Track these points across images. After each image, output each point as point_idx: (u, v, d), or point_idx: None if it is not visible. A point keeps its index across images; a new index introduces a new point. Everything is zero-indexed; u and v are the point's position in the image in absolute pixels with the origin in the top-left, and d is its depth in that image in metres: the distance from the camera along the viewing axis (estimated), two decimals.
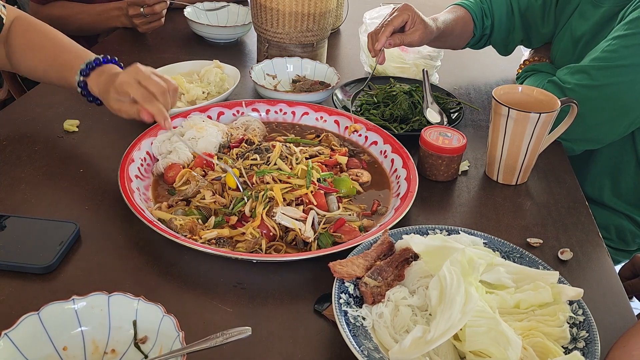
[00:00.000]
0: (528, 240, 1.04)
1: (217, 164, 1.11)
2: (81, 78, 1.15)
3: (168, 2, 1.67)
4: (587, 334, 0.78)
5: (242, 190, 1.04)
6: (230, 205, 1.03)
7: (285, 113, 1.34)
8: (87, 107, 1.37)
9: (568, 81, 1.27)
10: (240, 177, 1.07)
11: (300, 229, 0.97)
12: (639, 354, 0.76)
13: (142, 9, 1.65)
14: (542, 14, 1.54)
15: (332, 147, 1.23)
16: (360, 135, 1.27)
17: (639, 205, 1.46)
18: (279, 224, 0.98)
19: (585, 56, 1.33)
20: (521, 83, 1.49)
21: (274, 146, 1.13)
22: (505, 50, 1.65)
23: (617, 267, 1.31)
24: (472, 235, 0.92)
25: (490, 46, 1.66)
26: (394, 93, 1.41)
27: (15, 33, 1.21)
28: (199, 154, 1.12)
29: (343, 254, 0.89)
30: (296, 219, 0.99)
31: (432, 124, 1.28)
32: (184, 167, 1.13)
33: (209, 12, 1.83)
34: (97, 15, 1.75)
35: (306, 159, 1.14)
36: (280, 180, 1.06)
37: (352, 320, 0.79)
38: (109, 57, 1.17)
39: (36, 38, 1.21)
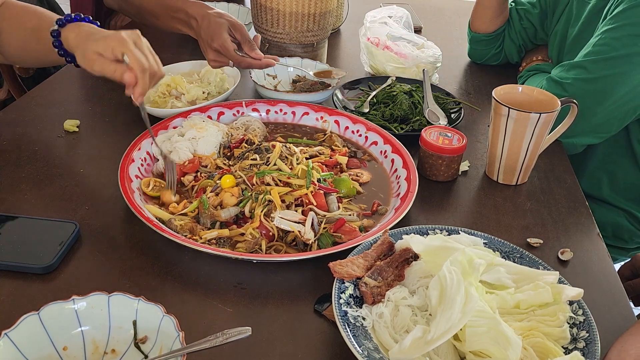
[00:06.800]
0: (528, 240, 1.04)
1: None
2: (56, 27, 1.10)
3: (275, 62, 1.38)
4: (587, 334, 0.78)
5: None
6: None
7: (285, 113, 1.34)
8: (87, 107, 1.37)
9: (566, 77, 1.29)
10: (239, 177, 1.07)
11: (299, 232, 0.97)
12: (636, 352, 0.76)
13: (230, 64, 1.38)
14: (540, 22, 1.62)
15: (333, 147, 1.23)
16: (360, 135, 1.27)
17: (638, 200, 1.47)
18: (278, 227, 0.98)
19: (574, 53, 1.36)
20: (523, 82, 1.50)
21: (274, 146, 1.13)
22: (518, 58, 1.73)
23: (616, 266, 1.31)
24: (472, 235, 0.92)
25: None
26: (394, 93, 1.41)
27: (2, 17, 1.17)
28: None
29: (343, 254, 0.89)
30: (295, 222, 0.99)
31: (432, 124, 1.28)
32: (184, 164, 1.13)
33: None
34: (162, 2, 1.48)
35: (306, 159, 1.14)
36: (280, 181, 1.06)
37: (352, 321, 0.79)
38: (90, 17, 1.13)
39: (21, 16, 1.16)
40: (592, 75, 1.26)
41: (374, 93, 1.42)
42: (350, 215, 1.04)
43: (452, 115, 1.39)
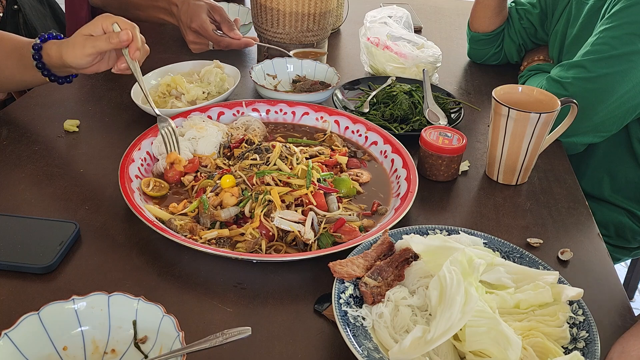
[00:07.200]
0: (528, 240, 1.04)
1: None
2: (39, 41, 1.16)
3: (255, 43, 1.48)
4: (587, 334, 0.78)
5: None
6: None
7: (285, 113, 1.34)
8: (87, 107, 1.37)
9: (565, 76, 1.29)
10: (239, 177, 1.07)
11: (299, 232, 0.97)
12: (638, 354, 0.76)
13: (210, 45, 1.47)
14: (540, 22, 1.62)
15: (333, 147, 1.23)
16: (360, 135, 1.27)
17: (638, 199, 1.48)
18: (278, 227, 0.98)
19: (573, 53, 1.37)
20: (524, 82, 1.50)
21: (274, 146, 1.13)
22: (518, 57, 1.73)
23: (617, 266, 1.31)
24: (472, 235, 0.92)
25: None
26: (394, 93, 1.41)
27: None
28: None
29: (343, 254, 0.89)
30: (295, 222, 0.99)
31: (432, 124, 1.28)
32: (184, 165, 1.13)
33: None
34: None
35: (306, 159, 1.14)
36: (280, 181, 1.06)
37: (352, 320, 0.79)
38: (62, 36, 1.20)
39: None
40: (591, 74, 1.26)
41: (374, 93, 1.42)
42: (350, 215, 1.04)
43: (452, 115, 1.39)
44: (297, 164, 1.10)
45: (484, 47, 1.69)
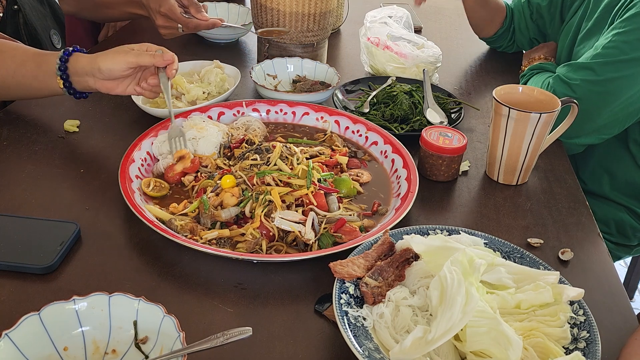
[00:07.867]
0: (529, 240, 1.04)
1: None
2: (70, 49, 1.18)
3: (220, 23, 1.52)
4: (588, 335, 0.78)
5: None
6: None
7: (285, 113, 1.34)
8: (87, 107, 1.37)
9: (573, 78, 1.30)
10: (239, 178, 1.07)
11: (300, 232, 0.97)
12: None
13: (180, 28, 1.51)
14: (550, 15, 1.64)
15: (333, 147, 1.23)
16: (360, 135, 1.27)
17: (638, 197, 1.48)
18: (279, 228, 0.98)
19: (584, 46, 1.40)
20: (526, 81, 1.50)
21: (274, 146, 1.13)
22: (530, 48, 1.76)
23: (617, 266, 1.31)
24: (472, 235, 0.92)
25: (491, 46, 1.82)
26: (394, 93, 1.41)
27: None
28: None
29: (344, 254, 0.89)
30: (295, 222, 0.98)
31: (433, 124, 1.28)
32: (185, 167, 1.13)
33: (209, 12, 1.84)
34: None
35: (307, 159, 1.14)
36: (280, 181, 1.06)
37: (352, 321, 0.79)
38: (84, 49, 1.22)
39: (16, 48, 1.21)
40: (599, 78, 1.27)
41: (374, 93, 1.42)
42: (350, 215, 1.04)
43: (452, 115, 1.39)
44: (298, 164, 1.10)
45: (496, 44, 1.79)
